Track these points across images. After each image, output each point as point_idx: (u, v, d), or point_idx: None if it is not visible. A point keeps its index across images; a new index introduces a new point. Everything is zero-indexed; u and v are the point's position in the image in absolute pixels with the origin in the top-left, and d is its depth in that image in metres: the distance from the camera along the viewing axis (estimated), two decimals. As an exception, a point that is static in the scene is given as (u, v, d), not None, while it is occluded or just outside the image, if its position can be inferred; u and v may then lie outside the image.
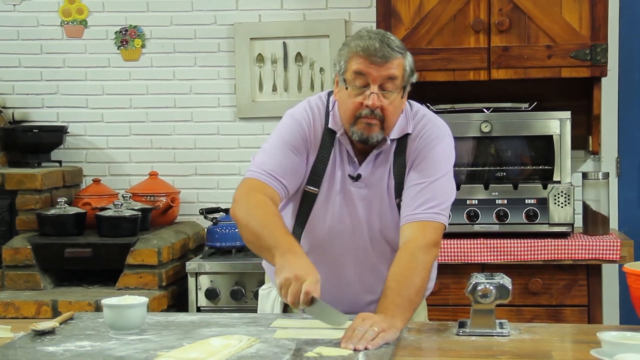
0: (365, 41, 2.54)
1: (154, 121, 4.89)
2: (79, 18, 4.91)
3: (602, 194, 4.17)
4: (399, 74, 2.55)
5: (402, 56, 2.57)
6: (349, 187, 2.66)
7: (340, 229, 2.66)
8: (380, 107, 2.54)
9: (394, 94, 2.56)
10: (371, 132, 2.57)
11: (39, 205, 4.43)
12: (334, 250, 2.67)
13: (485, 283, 2.40)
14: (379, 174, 2.66)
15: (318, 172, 2.65)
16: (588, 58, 4.11)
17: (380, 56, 2.52)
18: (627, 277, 2.33)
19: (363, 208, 2.66)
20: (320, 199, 2.66)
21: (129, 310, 2.40)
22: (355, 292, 2.71)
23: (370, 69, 2.53)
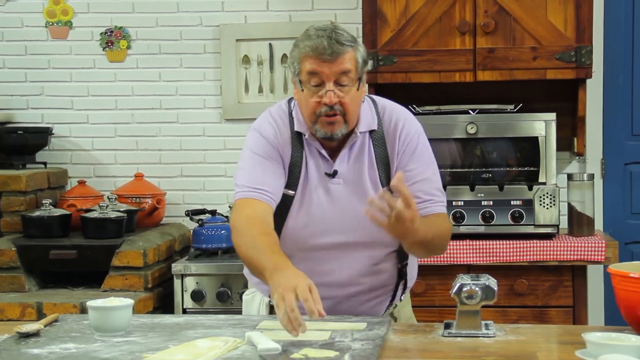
0: (314, 40, 2.57)
1: (140, 122, 4.88)
2: (64, 19, 4.90)
3: (587, 195, 4.18)
4: (352, 67, 2.57)
5: (353, 48, 2.58)
6: (327, 185, 2.66)
7: (322, 227, 2.65)
8: (339, 102, 2.56)
9: (350, 87, 2.57)
10: (334, 129, 2.59)
11: (24, 207, 4.41)
12: (318, 247, 2.66)
13: (471, 284, 2.40)
14: (358, 168, 2.67)
15: (294, 175, 2.66)
16: (573, 60, 4.13)
17: (330, 53, 2.53)
18: (611, 278, 2.34)
19: (345, 203, 2.65)
20: (297, 200, 2.66)
21: (114, 312, 2.39)
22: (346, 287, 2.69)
23: (322, 67, 2.55)
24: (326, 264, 2.66)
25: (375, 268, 2.70)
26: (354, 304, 2.72)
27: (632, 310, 2.28)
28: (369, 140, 2.69)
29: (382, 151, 2.69)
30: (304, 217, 2.66)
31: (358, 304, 2.72)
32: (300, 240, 2.66)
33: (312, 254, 2.66)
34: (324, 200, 2.66)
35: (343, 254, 2.67)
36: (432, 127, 4.18)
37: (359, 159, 2.68)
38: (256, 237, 2.49)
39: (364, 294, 2.71)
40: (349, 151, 2.68)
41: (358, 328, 2.40)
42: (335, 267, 2.67)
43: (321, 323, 2.46)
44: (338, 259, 2.67)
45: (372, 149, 2.68)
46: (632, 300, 2.27)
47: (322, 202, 2.66)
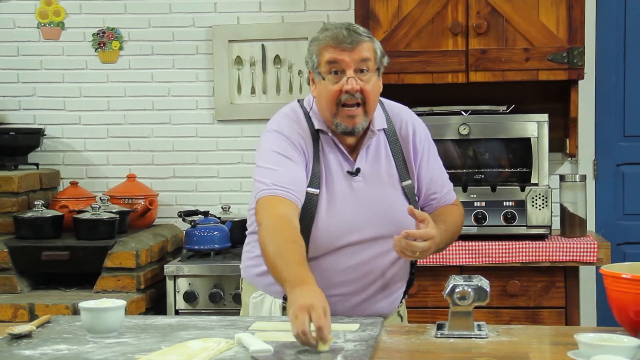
0: (332, 31, 2.62)
1: (132, 123, 4.87)
2: (56, 20, 4.89)
3: (579, 196, 4.19)
4: (371, 55, 2.64)
5: (371, 40, 2.66)
6: (350, 183, 2.69)
7: (349, 224, 2.66)
8: (360, 90, 2.60)
9: (370, 75, 2.63)
10: (355, 123, 2.63)
11: (16, 208, 4.40)
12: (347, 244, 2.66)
13: (464, 285, 2.40)
14: (376, 165, 2.72)
15: (316, 174, 2.67)
16: (565, 61, 4.14)
17: (350, 42, 2.59)
18: (604, 279, 2.34)
19: (367, 200, 2.68)
20: (322, 199, 2.66)
21: (106, 314, 2.39)
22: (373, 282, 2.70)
23: (342, 55, 2.59)
24: (355, 260, 2.67)
25: (395, 264, 2.73)
26: (377, 296, 2.72)
27: (624, 311, 2.28)
28: (384, 138, 2.75)
29: (397, 148, 2.75)
30: (332, 216, 2.65)
31: (381, 296, 2.73)
32: (331, 238, 2.65)
33: (341, 252, 2.66)
34: (349, 198, 2.67)
35: (369, 250, 2.68)
36: (424, 128, 4.19)
37: (376, 156, 2.73)
38: (284, 244, 2.44)
39: (386, 286, 2.73)
40: (366, 149, 2.72)
41: (351, 329, 2.40)
42: (362, 258, 2.68)
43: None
44: (365, 254, 2.68)
45: (388, 146, 2.75)
46: (624, 301, 2.27)
47: (347, 200, 2.67)
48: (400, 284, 2.79)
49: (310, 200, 2.64)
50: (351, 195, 2.68)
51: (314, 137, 2.70)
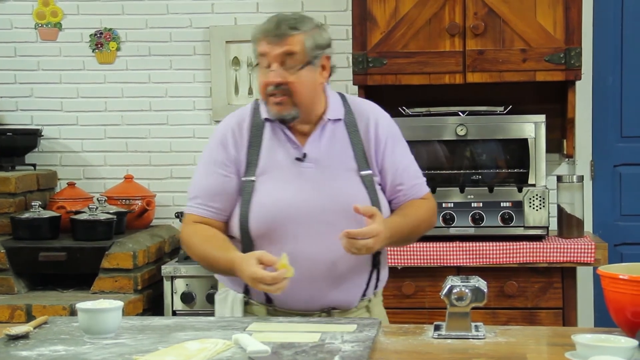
0: (265, 24, 2.70)
1: (129, 124, 4.87)
2: (54, 21, 4.89)
3: (576, 197, 4.19)
4: (298, 49, 2.66)
5: (303, 32, 2.68)
6: (298, 169, 2.71)
7: (291, 208, 2.67)
8: (286, 83, 2.65)
9: (295, 69, 2.66)
10: (282, 111, 2.68)
11: (13, 209, 4.40)
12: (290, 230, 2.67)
13: (461, 286, 2.41)
14: (331, 152, 2.74)
15: (252, 162, 2.72)
16: (562, 62, 4.14)
17: (274, 35, 2.65)
18: (601, 279, 2.34)
19: (318, 185, 2.69)
20: (260, 184, 2.70)
21: (103, 315, 2.39)
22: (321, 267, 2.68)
23: (268, 49, 2.66)
24: (301, 244, 2.66)
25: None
26: (329, 286, 2.70)
27: (622, 312, 2.29)
28: (344, 128, 2.78)
29: (357, 139, 2.77)
30: (270, 201, 2.67)
31: (333, 286, 2.70)
32: (271, 223, 2.67)
33: (285, 235, 2.66)
34: (293, 183, 2.69)
35: (318, 234, 2.66)
36: (421, 128, 4.20)
37: (331, 144, 2.75)
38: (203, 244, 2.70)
39: (339, 277, 2.70)
40: (319, 137, 2.75)
41: (348, 330, 2.40)
42: (310, 247, 2.67)
43: (311, 325, 2.47)
44: (313, 239, 2.67)
45: (347, 136, 2.77)
46: (622, 301, 2.27)
47: (290, 185, 2.69)
48: (357, 276, 2.75)
49: (246, 187, 2.70)
50: (296, 181, 2.70)
51: (258, 128, 2.76)
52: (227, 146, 2.75)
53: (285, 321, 2.56)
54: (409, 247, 3.98)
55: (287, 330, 2.42)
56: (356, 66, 4.23)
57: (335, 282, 2.70)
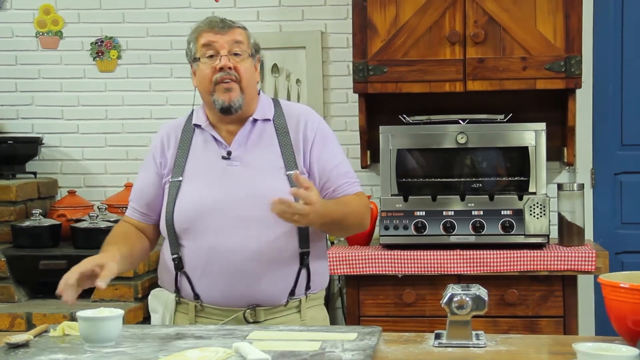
0: (208, 19, 2.85)
1: (130, 132, 4.87)
2: (54, 29, 4.90)
3: (577, 205, 4.18)
4: (244, 40, 2.81)
5: (243, 29, 2.85)
6: (223, 167, 2.78)
7: (215, 204, 2.73)
8: (234, 68, 2.76)
9: (243, 56, 2.79)
10: (231, 97, 2.77)
11: (14, 217, 4.40)
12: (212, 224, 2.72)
13: (462, 294, 2.40)
14: (257, 152, 2.80)
15: (180, 164, 2.82)
16: (562, 70, 4.14)
17: (222, 26, 2.80)
18: (602, 288, 2.34)
19: (242, 182, 2.75)
20: (186, 183, 2.79)
21: (104, 323, 2.39)
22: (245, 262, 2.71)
23: (216, 37, 2.78)
24: (223, 237, 2.71)
25: (274, 245, 2.72)
26: (252, 280, 2.72)
27: (623, 321, 2.28)
28: (272, 129, 2.84)
29: (286, 140, 2.82)
30: (194, 198, 2.75)
31: (257, 280, 2.72)
32: (194, 217, 2.74)
33: (207, 229, 2.73)
34: (217, 180, 2.76)
35: (240, 229, 2.71)
36: (422, 136, 4.20)
37: (259, 144, 2.83)
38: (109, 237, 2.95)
39: (263, 271, 2.72)
40: (246, 136, 2.82)
41: (348, 338, 2.40)
42: (232, 241, 2.71)
43: (311, 334, 2.47)
44: (235, 233, 2.71)
45: (275, 136, 2.83)
46: (623, 310, 2.27)
47: (214, 182, 2.76)
48: (282, 271, 2.76)
49: (172, 188, 2.80)
50: (221, 178, 2.77)
51: (188, 132, 2.87)
52: (156, 155, 2.90)
53: (286, 329, 2.56)
54: (410, 255, 3.98)
55: (287, 339, 2.41)
56: (356, 74, 4.23)
57: (258, 276, 2.72)
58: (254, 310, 2.74)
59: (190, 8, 4.81)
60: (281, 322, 2.74)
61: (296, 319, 2.80)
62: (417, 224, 4.08)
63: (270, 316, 2.76)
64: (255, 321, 2.73)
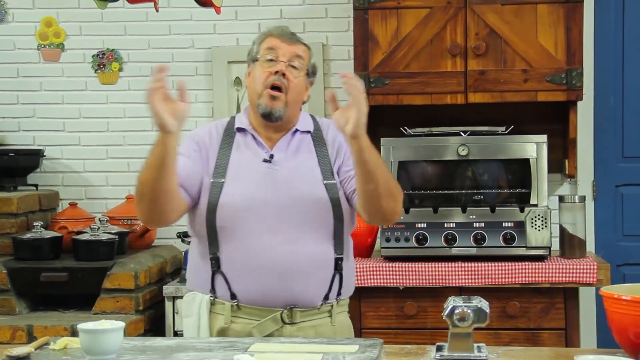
0: (280, 27, 2.92)
1: (131, 144, 4.88)
2: (56, 41, 4.91)
3: (578, 217, 4.18)
4: (305, 56, 2.86)
5: (308, 48, 2.90)
6: (265, 170, 2.81)
7: (257, 206, 2.76)
8: (287, 78, 2.80)
9: (300, 72, 2.83)
10: (274, 106, 2.80)
11: (15, 229, 4.40)
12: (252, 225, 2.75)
13: (463, 306, 2.40)
14: (297, 158, 2.85)
15: (222, 166, 2.82)
16: (564, 82, 4.15)
17: (290, 37, 2.86)
18: (603, 300, 2.34)
19: (282, 186, 2.78)
20: (227, 184, 2.80)
21: (105, 335, 2.38)
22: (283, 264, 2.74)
23: (281, 44, 2.84)
24: (263, 238, 2.74)
25: (312, 249, 2.77)
26: (290, 281, 2.74)
27: (624, 333, 2.28)
28: (310, 140, 2.90)
29: (323, 151, 2.88)
30: (237, 196, 2.77)
31: (294, 281, 2.75)
32: (235, 218, 2.75)
33: (248, 230, 2.75)
34: (259, 182, 2.79)
35: (278, 230, 2.75)
36: (423, 148, 4.20)
37: (297, 152, 2.87)
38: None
39: (300, 272, 2.75)
40: (287, 143, 2.87)
41: (350, 351, 2.40)
42: (274, 243, 2.74)
43: (313, 346, 2.46)
44: (274, 234, 2.74)
45: (312, 147, 2.88)
46: (624, 322, 2.27)
47: (256, 184, 2.78)
48: (318, 274, 2.80)
49: (215, 188, 2.79)
50: (262, 181, 2.79)
51: (230, 135, 2.88)
52: (201, 144, 2.87)
53: (287, 341, 2.56)
54: (411, 268, 3.98)
55: (288, 351, 2.41)
56: (358, 86, 4.23)
57: (295, 277, 2.75)
58: (290, 311, 2.76)
59: (191, 20, 4.82)
60: (314, 324, 2.79)
61: (327, 322, 2.83)
62: (418, 236, 4.08)
63: (305, 318, 2.78)
64: (291, 322, 2.76)
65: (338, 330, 2.84)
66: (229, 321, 2.77)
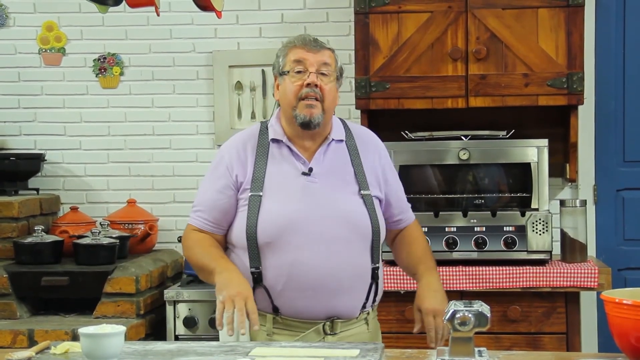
0: (301, 36, 2.91)
1: (132, 148, 4.88)
2: (57, 46, 4.91)
3: (579, 221, 4.18)
4: (332, 62, 2.87)
5: (332, 51, 2.91)
6: (304, 183, 2.81)
7: (297, 220, 2.76)
8: (320, 88, 2.81)
9: (330, 78, 2.85)
10: (313, 114, 2.80)
11: (16, 234, 4.40)
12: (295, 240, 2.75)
13: (464, 311, 2.40)
14: (333, 169, 2.86)
15: (259, 179, 2.82)
16: (565, 86, 4.15)
17: (314, 45, 2.86)
18: (605, 304, 2.34)
19: (321, 198, 2.79)
20: (266, 198, 2.79)
21: (106, 340, 2.38)
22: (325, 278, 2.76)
23: (307, 55, 2.84)
24: (305, 253, 2.75)
25: (352, 262, 2.80)
26: (332, 295, 2.77)
27: (625, 337, 2.28)
28: (345, 149, 2.92)
29: (357, 160, 2.91)
30: (277, 212, 2.77)
31: (336, 295, 2.78)
32: (278, 232, 2.75)
33: (290, 245, 2.75)
34: (299, 196, 2.79)
35: (320, 245, 2.76)
36: (424, 153, 4.20)
37: (334, 162, 2.88)
38: (207, 248, 2.84)
39: (341, 286, 2.78)
40: (324, 154, 2.88)
41: (351, 355, 2.40)
42: (314, 257, 2.75)
43: (313, 350, 2.46)
44: (316, 249, 2.75)
45: (348, 157, 2.91)
46: (626, 327, 2.27)
47: (295, 198, 2.79)
48: (358, 286, 2.84)
49: (254, 202, 2.79)
50: (301, 194, 2.80)
51: (264, 147, 2.87)
52: (231, 167, 2.86)
53: (288, 346, 2.56)
54: (412, 272, 3.98)
55: (289, 355, 2.41)
56: (359, 90, 4.24)
57: (337, 290, 2.78)
58: (332, 323, 2.79)
59: (192, 25, 4.83)
60: (353, 333, 2.83)
61: (364, 330, 2.88)
62: (419, 240, 4.07)
63: (345, 328, 2.82)
64: (332, 333, 2.79)
65: (373, 335, 2.91)
66: (271, 333, 2.78)
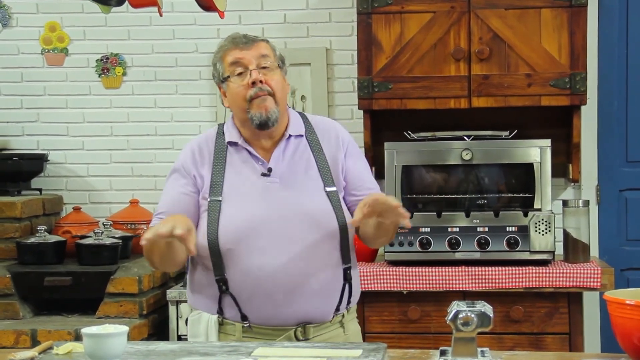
0: (230, 37, 2.83)
1: (135, 149, 4.88)
2: (60, 46, 4.91)
3: (582, 221, 4.18)
4: (269, 52, 2.79)
5: (266, 41, 2.83)
6: (264, 184, 2.75)
7: (259, 222, 2.70)
8: (265, 82, 2.74)
9: (272, 69, 2.77)
10: (268, 108, 2.73)
11: (19, 234, 4.40)
12: (258, 244, 2.69)
13: (467, 311, 2.40)
14: (295, 168, 2.79)
15: (217, 183, 2.76)
16: (567, 87, 4.14)
17: (246, 42, 2.78)
18: (607, 305, 2.34)
19: (283, 199, 2.73)
20: (226, 203, 2.73)
21: (109, 340, 2.38)
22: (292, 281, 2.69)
23: (242, 54, 2.77)
24: (269, 257, 2.68)
25: (321, 263, 2.72)
26: (301, 299, 2.70)
27: (628, 338, 2.28)
28: (306, 145, 2.84)
29: (321, 156, 2.83)
30: (238, 216, 2.71)
31: (305, 299, 2.71)
32: (240, 238, 2.69)
33: (253, 249, 2.68)
34: (259, 198, 2.73)
35: (285, 248, 2.69)
36: (427, 153, 4.20)
37: (295, 161, 2.81)
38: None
39: (311, 289, 2.71)
40: (283, 152, 2.81)
41: (353, 355, 2.39)
42: (282, 262, 2.68)
43: (316, 350, 2.46)
44: (281, 252, 2.68)
45: (310, 153, 2.83)
46: (628, 327, 2.26)
47: (257, 200, 2.73)
48: (329, 288, 2.76)
49: (213, 208, 2.73)
50: (261, 196, 2.74)
51: (221, 150, 2.82)
52: (187, 169, 2.83)
53: (291, 346, 2.55)
54: (415, 272, 3.98)
55: (292, 356, 2.41)
56: (361, 91, 4.24)
57: (306, 294, 2.70)
58: (303, 328, 2.72)
59: (195, 25, 4.83)
60: (327, 337, 2.74)
61: (340, 333, 2.80)
62: (422, 240, 4.08)
63: (318, 332, 2.74)
64: (305, 338, 2.71)
65: (350, 338, 2.82)
66: (240, 342, 2.69)
